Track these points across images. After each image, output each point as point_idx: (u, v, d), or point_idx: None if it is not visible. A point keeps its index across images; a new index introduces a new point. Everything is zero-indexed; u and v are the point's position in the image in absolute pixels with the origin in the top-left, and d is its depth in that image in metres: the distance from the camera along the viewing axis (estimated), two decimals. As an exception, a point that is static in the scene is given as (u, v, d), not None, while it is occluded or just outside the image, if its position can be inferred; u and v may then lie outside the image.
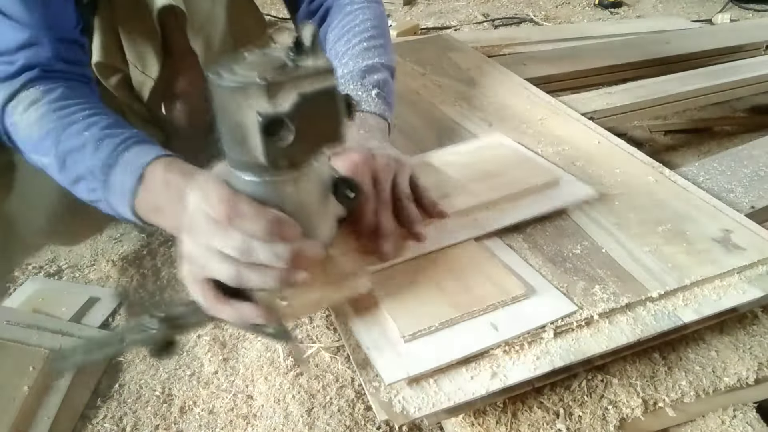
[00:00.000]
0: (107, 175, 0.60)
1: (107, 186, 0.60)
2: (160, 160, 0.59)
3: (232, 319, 0.51)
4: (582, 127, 0.95)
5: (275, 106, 0.43)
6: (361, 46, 0.82)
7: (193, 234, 0.50)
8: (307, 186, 0.49)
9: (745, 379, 0.60)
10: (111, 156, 0.60)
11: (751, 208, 0.78)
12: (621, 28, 1.87)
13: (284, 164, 0.46)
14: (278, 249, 0.47)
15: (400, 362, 0.54)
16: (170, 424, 0.77)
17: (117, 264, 1.03)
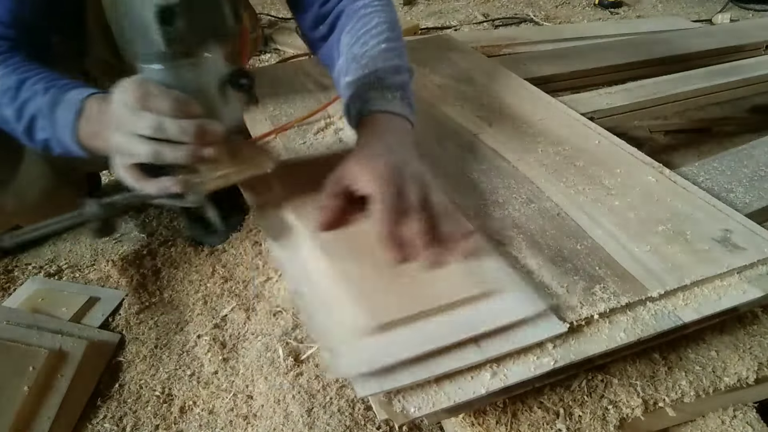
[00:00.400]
0: (53, 113, 0.70)
1: (53, 122, 0.70)
2: (96, 96, 0.68)
3: (155, 191, 0.62)
4: (582, 127, 0.95)
5: None
6: (380, 47, 0.80)
7: (117, 125, 0.59)
8: (202, 72, 0.60)
9: (745, 379, 0.60)
10: (54, 97, 0.70)
11: (752, 208, 0.78)
12: (621, 28, 1.88)
13: (180, 51, 0.57)
14: (185, 124, 0.57)
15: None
16: (170, 424, 0.77)
17: (117, 264, 1.03)
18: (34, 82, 0.72)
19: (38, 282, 0.99)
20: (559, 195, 0.78)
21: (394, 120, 0.73)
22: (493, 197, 0.78)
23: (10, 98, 0.73)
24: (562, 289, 0.62)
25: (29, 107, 0.72)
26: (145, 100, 0.57)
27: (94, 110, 0.67)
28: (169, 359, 0.86)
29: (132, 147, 0.59)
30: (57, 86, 0.71)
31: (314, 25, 0.92)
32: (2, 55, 0.76)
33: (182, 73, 0.59)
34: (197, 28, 0.57)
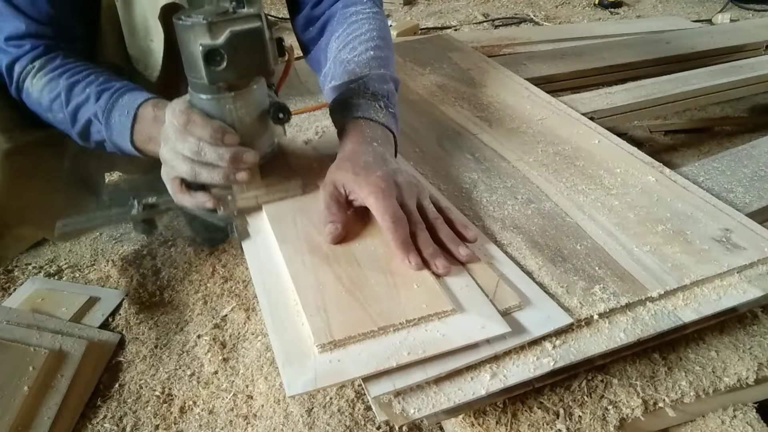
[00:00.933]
0: (109, 118, 0.75)
1: (109, 126, 0.75)
2: (149, 102, 0.74)
3: (190, 204, 0.70)
4: (582, 127, 0.95)
5: (213, 40, 0.59)
6: (368, 54, 0.80)
7: (165, 141, 0.66)
8: (243, 105, 0.65)
9: (745, 379, 0.60)
10: (109, 102, 0.75)
11: (752, 208, 0.78)
12: (621, 28, 1.88)
13: (223, 86, 0.63)
14: (221, 151, 0.63)
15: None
16: (170, 424, 0.77)
17: (117, 264, 1.03)
18: (84, 86, 0.77)
19: (38, 282, 0.99)
20: (559, 195, 0.78)
21: (379, 129, 0.73)
22: (493, 197, 0.78)
23: (61, 103, 0.78)
24: (562, 290, 0.62)
25: (83, 112, 0.77)
26: (189, 126, 0.63)
27: (149, 116, 0.73)
28: (169, 359, 0.86)
29: (175, 163, 0.66)
30: (109, 90, 0.76)
31: (305, 26, 0.92)
32: (43, 58, 0.80)
33: (224, 105, 0.64)
34: (241, 67, 0.61)
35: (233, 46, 0.59)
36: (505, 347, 0.55)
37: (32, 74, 0.79)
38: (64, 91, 0.77)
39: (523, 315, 0.58)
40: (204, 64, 0.60)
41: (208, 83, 0.61)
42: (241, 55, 0.60)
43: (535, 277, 0.64)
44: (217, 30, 0.59)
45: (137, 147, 0.75)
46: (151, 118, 0.72)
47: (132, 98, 0.74)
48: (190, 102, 0.65)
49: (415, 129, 0.97)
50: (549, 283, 0.63)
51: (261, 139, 0.69)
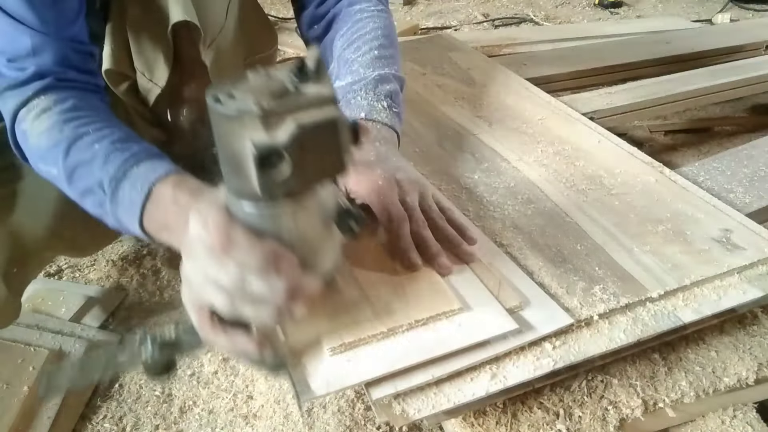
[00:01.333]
0: (115, 189, 0.59)
1: (115, 200, 0.59)
2: (170, 177, 0.58)
3: (226, 348, 0.50)
4: (582, 127, 0.95)
5: (271, 137, 0.40)
6: (372, 54, 0.79)
7: (192, 259, 0.48)
8: (307, 217, 0.46)
9: (745, 380, 0.60)
10: (120, 170, 0.59)
11: (752, 208, 0.78)
12: (621, 28, 1.88)
13: (281, 196, 0.44)
14: (274, 283, 0.45)
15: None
16: (170, 424, 0.77)
17: (117, 264, 1.03)
18: (93, 141, 0.62)
19: (38, 282, 0.99)
20: (559, 195, 0.78)
21: (382, 129, 0.72)
22: (493, 197, 0.78)
23: (59, 155, 0.62)
24: (562, 290, 0.62)
25: (83, 174, 0.62)
26: (228, 249, 0.45)
27: (168, 200, 0.57)
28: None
29: (205, 293, 0.48)
30: (122, 153, 0.61)
31: (310, 24, 0.92)
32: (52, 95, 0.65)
33: (280, 218, 0.45)
34: (308, 171, 0.43)
35: (300, 146, 0.41)
36: (507, 348, 0.54)
37: (35, 113, 0.64)
38: (66, 142, 0.62)
39: (525, 315, 0.58)
40: (257, 170, 0.41)
41: (260, 194, 0.42)
42: (309, 156, 0.42)
43: (535, 277, 0.64)
44: (276, 122, 0.40)
45: (147, 232, 0.59)
46: (170, 201, 0.56)
47: (147, 170, 0.59)
48: (227, 209, 0.46)
49: (415, 129, 0.97)
50: (549, 283, 0.63)
51: (324, 258, 0.50)
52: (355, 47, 0.81)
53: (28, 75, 0.65)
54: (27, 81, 0.65)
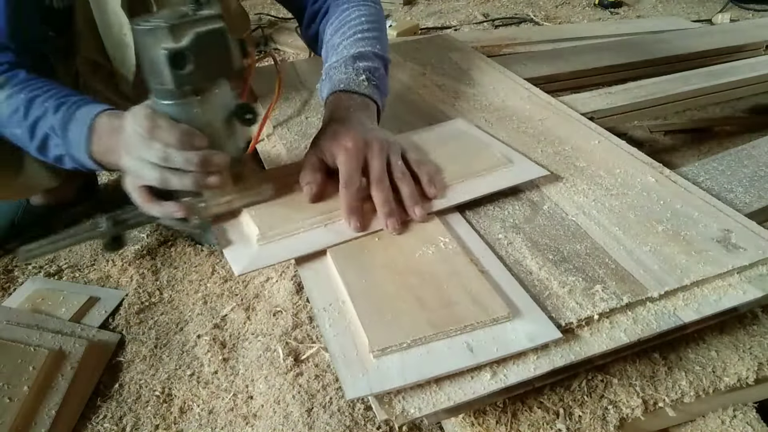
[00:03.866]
0: (65, 130, 0.73)
1: (66, 140, 0.73)
2: (105, 113, 0.72)
3: (160, 214, 0.67)
4: (582, 127, 0.95)
5: (177, 43, 0.57)
6: (355, 37, 0.85)
7: (128, 150, 0.64)
8: (210, 108, 0.63)
9: (745, 379, 0.60)
10: (65, 115, 0.73)
11: (752, 208, 0.78)
12: (621, 28, 1.88)
13: (189, 90, 0.60)
14: (190, 156, 0.61)
15: (366, 377, 0.52)
16: (170, 424, 0.77)
17: (117, 264, 1.03)
18: (43, 100, 0.75)
19: (38, 282, 0.99)
20: (559, 195, 0.78)
21: (358, 98, 0.77)
22: (493, 197, 0.78)
23: (20, 117, 0.75)
24: (562, 290, 0.62)
25: (41, 126, 0.75)
26: (154, 132, 0.61)
27: (105, 127, 0.70)
28: (169, 359, 0.86)
29: (141, 171, 0.63)
30: (67, 103, 0.74)
31: (308, 23, 0.98)
32: (6, 74, 0.78)
33: (190, 109, 0.62)
34: (206, 69, 0.60)
35: (198, 48, 0.58)
36: (489, 359, 0.54)
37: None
38: (23, 106, 0.75)
39: (511, 326, 0.57)
40: (169, 68, 0.58)
41: (174, 88, 0.60)
42: (206, 57, 0.59)
43: (535, 277, 0.64)
44: (180, 32, 0.57)
45: (95, 159, 0.72)
46: (109, 129, 0.70)
47: (88, 110, 0.72)
48: (152, 108, 0.63)
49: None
50: (549, 283, 0.63)
51: (229, 143, 0.67)
52: (341, 33, 0.87)
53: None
54: None
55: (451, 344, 0.55)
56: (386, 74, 0.86)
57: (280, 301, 0.92)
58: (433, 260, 0.64)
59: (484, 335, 0.56)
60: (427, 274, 0.62)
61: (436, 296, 0.59)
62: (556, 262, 0.66)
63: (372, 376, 0.52)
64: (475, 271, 0.63)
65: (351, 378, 0.52)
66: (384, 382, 0.52)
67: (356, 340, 0.56)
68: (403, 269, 0.63)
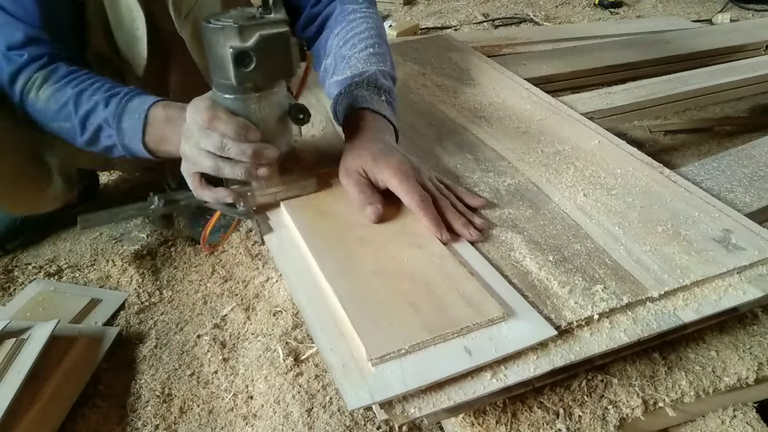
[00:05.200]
0: (120, 122, 0.76)
1: (120, 131, 0.76)
2: (159, 103, 0.75)
3: (211, 199, 0.72)
4: (582, 127, 0.95)
5: (243, 43, 0.62)
6: (368, 51, 0.85)
7: (187, 138, 0.68)
8: (267, 105, 0.68)
9: (745, 379, 0.60)
10: (118, 107, 0.76)
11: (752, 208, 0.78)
12: (621, 28, 1.88)
13: (249, 87, 0.66)
14: (244, 147, 0.66)
15: (366, 386, 0.52)
16: (170, 424, 0.76)
17: (117, 264, 1.03)
18: (91, 93, 0.78)
19: (41, 284, 0.99)
20: (559, 195, 0.78)
21: (381, 120, 0.78)
22: (492, 197, 0.78)
23: (70, 112, 0.78)
24: (563, 290, 0.62)
25: (92, 119, 0.78)
26: (213, 122, 0.66)
27: (160, 117, 0.74)
28: (169, 359, 0.86)
29: (197, 159, 0.68)
30: (118, 96, 0.77)
31: (305, 26, 0.97)
32: (47, 69, 0.80)
33: (248, 104, 0.67)
34: (267, 69, 0.65)
35: (262, 49, 0.63)
36: (488, 360, 0.54)
37: (37, 85, 0.80)
38: (73, 100, 0.78)
39: (506, 326, 0.57)
40: (233, 65, 0.62)
41: (235, 84, 0.64)
42: (268, 58, 0.64)
43: (535, 277, 0.64)
44: (247, 33, 0.62)
45: (149, 148, 0.76)
46: (163, 119, 0.74)
47: (141, 101, 0.76)
48: (213, 100, 0.67)
49: (415, 129, 0.97)
50: (549, 284, 0.63)
51: (280, 138, 0.72)
52: (351, 45, 0.86)
53: (26, 59, 0.80)
54: (26, 63, 0.80)
55: (449, 348, 0.55)
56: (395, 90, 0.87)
57: (280, 301, 0.92)
58: (423, 264, 0.64)
59: (480, 337, 0.56)
60: (418, 278, 0.62)
61: (429, 300, 0.59)
62: (556, 262, 0.66)
63: (372, 385, 0.52)
64: (466, 274, 0.63)
65: (351, 388, 0.52)
66: (385, 389, 0.51)
67: (352, 349, 0.55)
68: (393, 275, 0.63)
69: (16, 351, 0.77)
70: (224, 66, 0.64)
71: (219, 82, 0.67)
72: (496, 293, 0.61)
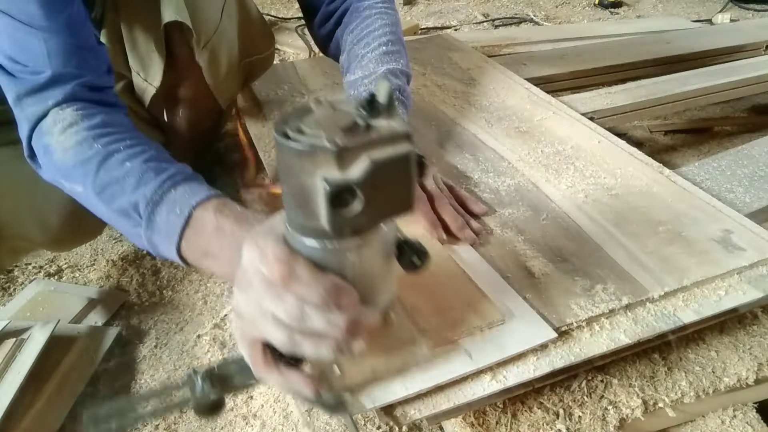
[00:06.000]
0: (152, 213, 0.57)
1: (151, 225, 0.57)
2: (210, 202, 0.56)
3: (280, 385, 0.49)
4: (582, 127, 0.95)
5: (344, 174, 0.39)
6: (381, 50, 0.83)
7: (246, 291, 0.46)
8: (371, 254, 0.45)
9: (745, 379, 0.60)
10: (156, 192, 0.57)
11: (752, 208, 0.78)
12: (621, 28, 1.88)
13: (349, 232, 0.43)
14: (334, 318, 0.44)
15: (368, 391, 0.52)
16: (170, 424, 0.76)
17: (117, 264, 1.03)
18: (123, 159, 0.59)
19: (41, 284, 0.99)
20: (560, 195, 0.78)
21: None
22: (492, 197, 0.78)
23: (86, 173, 0.60)
24: (563, 290, 0.62)
25: (116, 194, 0.59)
26: (289, 283, 0.43)
27: (209, 224, 0.55)
28: (169, 359, 0.86)
29: (261, 325, 0.46)
30: (157, 172, 0.58)
31: (322, 23, 0.95)
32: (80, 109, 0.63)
33: (344, 256, 0.44)
34: (378, 208, 0.42)
35: (373, 183, 0.39)
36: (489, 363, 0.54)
37: (61, 127, 0.61)
38: (97, 159, 0.59)
39: (507, 329, 0.57)
40: (328, 207, 0.40)
41: (329, 231, 0.41)
42: (381, 193, 0.41)
43: (535, 277, 0.64)
44: (350, 158, 0.39)
45: (185, 257, 0.57)
46: (213, 228, 0.54)
47: (188, 192, 0.57)
48: (287, 242, 0.45)
49: (415, 129, 0.97)
50: (549, 284, 0.63)
51: (383, 293, 0.49)
52: (365, 43, 0.85)
53: (45, 79, 0.62)
54: (45, 86, 0.63)
55: (450, 351, 0.55)
56: (408, 87, 0.84)
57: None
58: None
59: (481, 340, 0.56)
60: (418, 281, 0.60)
61: (429, 304, 0.59)
62: (557, 262, 0.66)
63: (374, 390, 0.52)
64: (466, 277, 0.62)
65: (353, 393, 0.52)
66: (387, 394, 0.51)
67: None
68: None
69: (16, 351, 0.77)
70: (311, 204, 0.41)
71: (300, 223, 0.43)
72: (497, 297, 0.60)
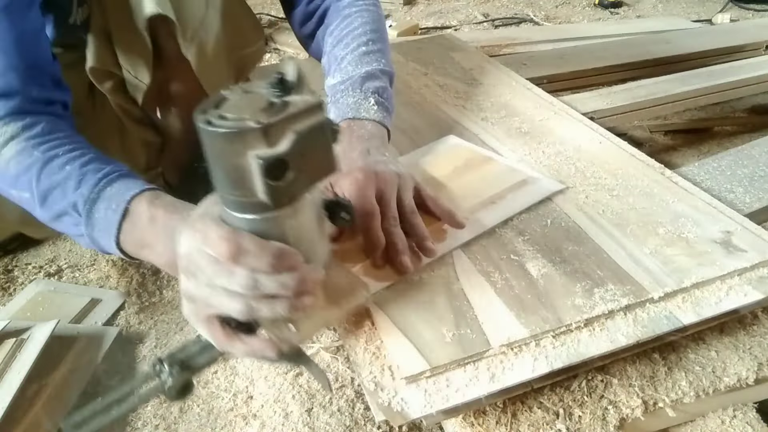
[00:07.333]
0: (90, 210, 0.60)
1: (90, 222, 0.60)
2: (144, 194, 0.59)
3: (244, 353, 0.51)
4: (583, 128, 0.95)
5: (274, 148, 0.42)
6: (360, 50, 0.82)
7: (195, 275, 0.48)
8: (305, 216, 0.49)
9: (745, 379, 0.60)
10: (93, 190, 0.60)
11: (752, 209, 0.78)
12: (621, 28, 1.88)
13: (286, 201, 0.46)
14: (284, 279, 0.47)
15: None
16: (170, 424, 0.77)
17: (117, 264, 1.03)
18: (64, 163, 0.62)
19: (41, 284, 0.99)
20: (560, 196, 0.78)
21: (369, 125, 0.74)
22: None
23: (30, 180, 0.62)
24: (563, 291, 0.62)
25: (56, 197, 0.61)
26: (238, 257, 0.46)
27: (143, 216, 0.58)
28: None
29: (218, 301, 0.48)
30: (94, 172, 0.61)
31: (302, 22, 0.94)
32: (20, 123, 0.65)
33: (283, 222, 0.47)
34: (307, 174, 0.46)
35: (300, 152, 0.43)
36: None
37: (2, 141, 0.64)
38: (38, 166, 0.62)
39: None
40: (264, 180, 0.43)
41: (267, 201, 0.44)
42: (308, 159, 0.45)
43: (535, 278, 0.64)
44: (276, 134, 0.42)
45: (125, 250, 0.60)
46: (147, 219, 0.57)
47: (123, 187, 0.59)
48: (225, 222, 0.47)
49: (416, 129, 0.97)
50: (549, 285, 0.63)
51: (321, 248, 0.52)
52: (344, 44, 0.83)
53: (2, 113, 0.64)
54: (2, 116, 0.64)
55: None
56: (391, 89, 0.83)
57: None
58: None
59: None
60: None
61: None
62: (557, 263, 0.66)
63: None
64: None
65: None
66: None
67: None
68: None
69: (16, 351, 0.77)
70: (246, 181, 0.43)
71: (236, 200, 0.46)
72: None
